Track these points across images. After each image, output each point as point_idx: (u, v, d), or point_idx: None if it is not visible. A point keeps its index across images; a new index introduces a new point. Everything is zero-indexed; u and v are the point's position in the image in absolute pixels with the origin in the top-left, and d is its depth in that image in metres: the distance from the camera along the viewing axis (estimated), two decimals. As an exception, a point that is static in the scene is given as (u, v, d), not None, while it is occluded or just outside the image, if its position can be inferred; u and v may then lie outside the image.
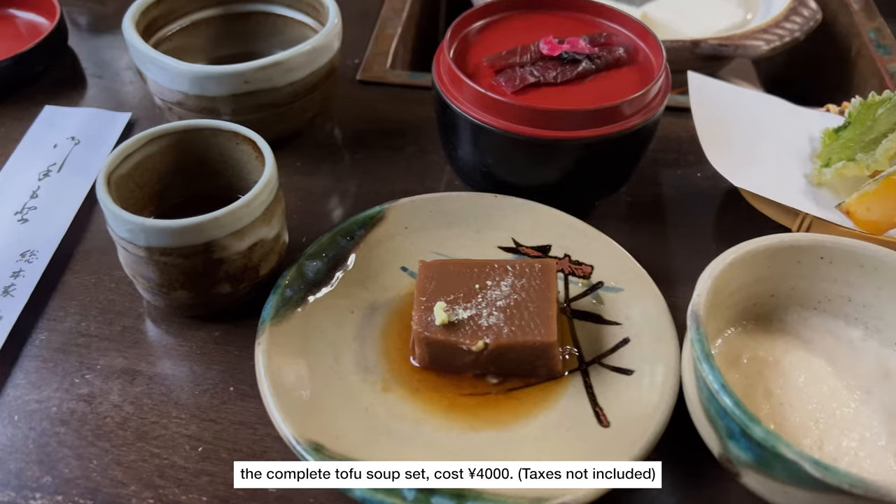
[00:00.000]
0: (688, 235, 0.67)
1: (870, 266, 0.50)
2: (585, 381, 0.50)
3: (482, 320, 0.49)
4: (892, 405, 0.48)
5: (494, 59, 0.62)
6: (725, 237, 0.50)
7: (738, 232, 0.53)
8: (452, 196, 0.60)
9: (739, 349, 0.51)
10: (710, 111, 0.69)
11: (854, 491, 0.37)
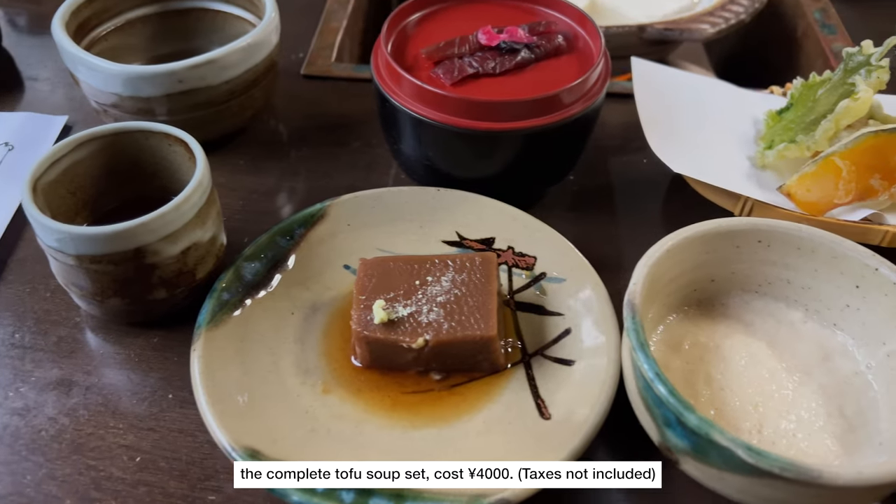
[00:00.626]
0: (634, 223, 0.67)
1: (806, 248, 0.50)
2: (528, 373, 0.50)
3: (422, 317, 0.48)
4: (830, 386, 0.48)
5: (432, 50, 0.61)
6: (672, 223, 0.50)
7: (684, 218, 0.53)
8: (395, 191, 0.59)
9: (681, 335, 0.51)
10: (654, 97, 0.68)
11: (786, 475, 0.37)
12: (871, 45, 0.64)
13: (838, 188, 0.59)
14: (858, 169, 0.58)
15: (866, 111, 0.61)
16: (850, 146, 0.58)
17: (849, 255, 0.48)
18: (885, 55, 0.62)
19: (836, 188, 0.59)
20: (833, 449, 0.45)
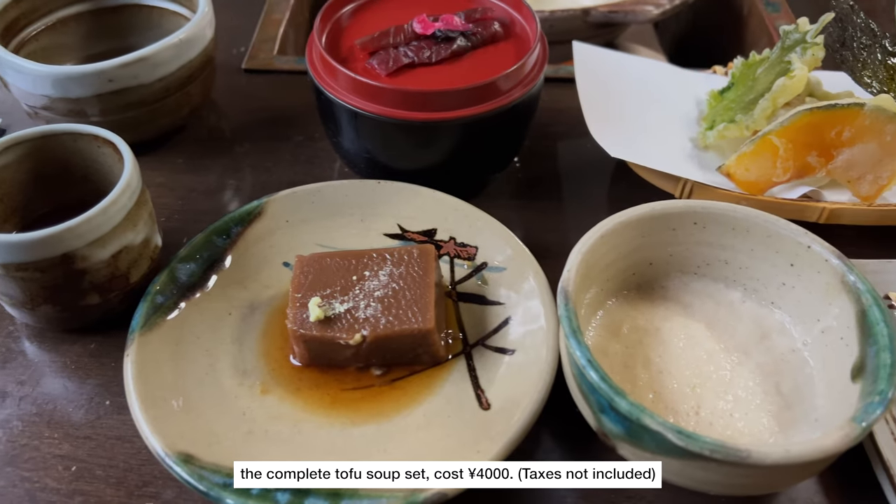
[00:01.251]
0: (580, 208, 0.67)
1: (741, 228, 0.50)
2: (469, 364, 0.50)
3: (359, 312, 0.48)
4: (767, 364, 0.48)
5: (367, 41, 0.60)
6: (617, 208, 0.49)
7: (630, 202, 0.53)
8: (334, 185, 0.59)
9: (621, 319, 0.51)
10: (595, 81, 0.68)
11: (716, 456, 0.37)
12: (808, 23, 0.64)
13: (776, 166, 0.59)
14: (795, 147, 0.59)
15: (802, 88, 0.61)
16: (786, 124, 0.58)
17: (782, 234, 0.49)
18: (819, 32, 0.63)
19: (774, 166, 0.59)
20: (769, 427, 0.45)
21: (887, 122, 0.57)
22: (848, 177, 0.59)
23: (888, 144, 0.58)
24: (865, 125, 0.58)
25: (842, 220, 0.58)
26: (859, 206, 0.58)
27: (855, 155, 0.58)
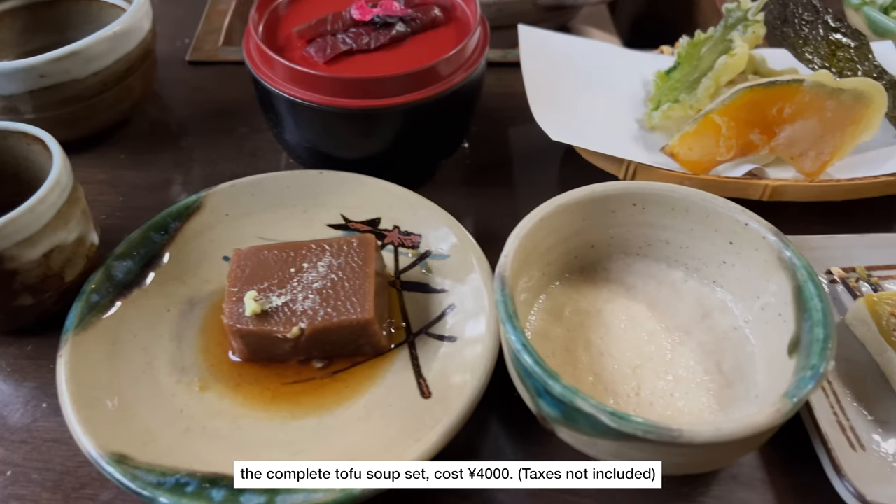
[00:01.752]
0: (530, 193, 0.66)
1: (680, 208, 0.50)
2: (412, 353, 0.49)
3: (297, 305, 0.47)
4: (709, 343, 0.48)
5: (304, 29, 0.59)
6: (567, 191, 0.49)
7: (579, 186, 0.52)
8: (275, 176, 0.58)
9: (563, 303, 0.51)
10: (541, 64, 0.68)
11: (649, 437, 0.37)
12: (749, 1, 0.64)
13: (719, 145, 0.59)
14: (737, 125, 0.59)
15: (744, 66, 0.61)
16: (728, 102, 0.58)
17: (720, 212, 0.49)
18: (760, 10, 0.63)
19: (717, 145, 0.59)
20: (710, 405, 0.45)
21: (827, 97, 0.57)
22: (791, 153, 0.60)
23: (829, 120, 0.58)
24: (805, 101, 0.58)
25: (785, 197, 0.59)
26: (802, 182, 0.58)
27: (796, 131, 0.58)
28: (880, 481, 0.44)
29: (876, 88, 0.57)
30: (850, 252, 0.56)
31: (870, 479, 0.44)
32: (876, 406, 0.49)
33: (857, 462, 0.45)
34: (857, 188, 0.59)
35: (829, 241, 0.56)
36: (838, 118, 0.58)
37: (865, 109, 0.58)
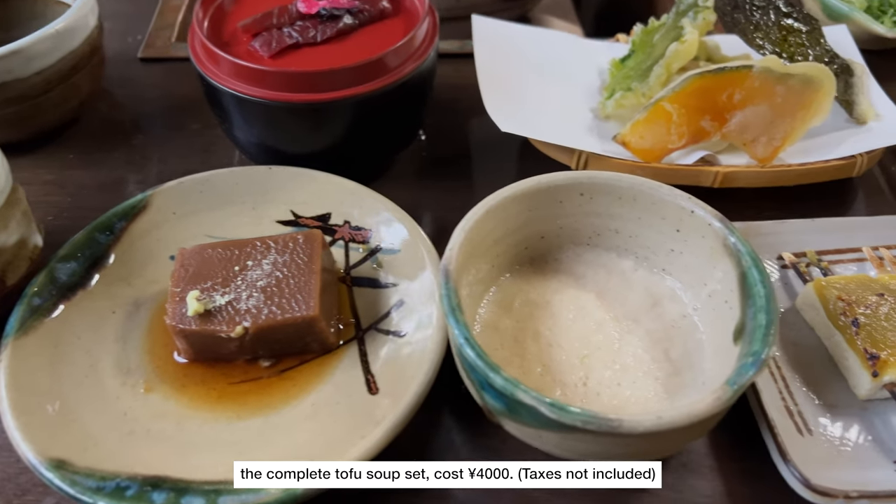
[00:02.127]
0: (487, 186, 0.64)
1: (627, 197, 0.50)
2: (361, 349, 0.49)
3: (241, 304, 0.47)
4: (657, 332, 0.48)
5: (250, 23, 0.58)
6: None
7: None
8: (223, 173, 0.57)
9: (513, 294, 0.50)
10: (495, 54, 0.67)
11: (589, 427, 0.37)
12: (700, -14, 0.64)
13: (670, 133, 0.59)
14: (688, 112, 0.58)
15: (695, 53, 0.61)
16: (678, 90, 0.58)
17: (666, 200, 0.48)
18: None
19: (669, 133, 0.59)
20: (657, 394, 0.45)
21: (776, 82, 0.57)
22: (743, 139, 0.60)
23: (779, 105, 0.58)
24: (755, 87, 0.58)
25: (736, 184, 0.59)
26: (753, 168, 0.58)
27: (747, 117, 0.58)
28: (826, 465, 0.44)
29: (825, 73, 0.57)
30: (801, 237, 0.56)
31: (816, 463, 0.44)
32: (824, 390, 0.49)
33: (804, 446, 0.45)
34: (809, 173, 0.59)
35: (780, 227, 0.56)
36: (788, 103, 0.58)
37: (815, 94, 0.58)
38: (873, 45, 0.77)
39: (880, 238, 0.57)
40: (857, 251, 0.56)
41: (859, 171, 0.60)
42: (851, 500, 0.42)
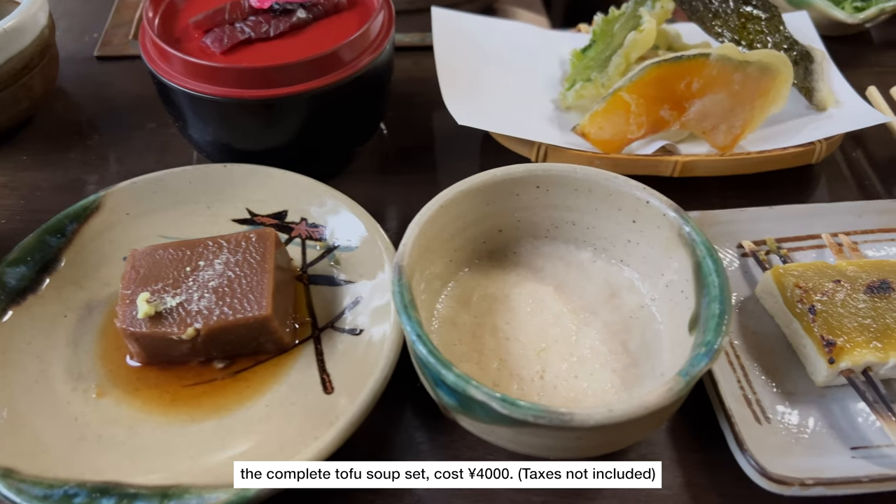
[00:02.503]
0: (449, 180, 0.64)
1: (583, 189, 0.49)
2: (317, 348, 0.48)
3: (193, 305, 0.46)
4: (615, 323, 0.48)
5: (201, 19, 0.57)
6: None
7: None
8: (177, 172, 0.56)
9: (472, 289, 0.50)
10: (455, 47, 0.67)
11: (540, 422, 0.37)
12: (658, -25, 0.64)
13: (629, 123, 0.58)
14: (646, 101, 0.58)
15: (652, 42, 0.61)
16: (635, 79, 0.58)
17: (622, 191, 0.48)
18: (668, -16, 0.62)
19: (628, 123, 0.58)
20: (614, 385, 0.45)
21: (733, 70, 0.57)
22: (702, 128, 0.59)
23: (737, 93, 0.58)
24: (713, 75, 0.57)
25: (696, 173, 0.58)
26: (711, 156, 0.58)
27: (706, 106, 0.58)
28: (784, 453, 0.44)
29: (781, 60, 0.57)
30: (761, 225, 0.56)
31: (773, 451, 0.44)
32: (783, 378, 0.49)
33: (761, 435, 0.45)
34: (768, 160, 0.59)
35: (739, 215, 0.56)
36: (746, 91, 0.58)
37: (773, 81, 0.58)
38: (834, 32, 0.77)
39: (840, 224, 0.57)
40: (817, 238, 0.56)
41: (818, 157, 0.60)
42: (807, 487, 0.42)
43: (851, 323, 0.48)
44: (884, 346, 0.47)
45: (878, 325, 0.48)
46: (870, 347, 0.47)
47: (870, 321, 0.48)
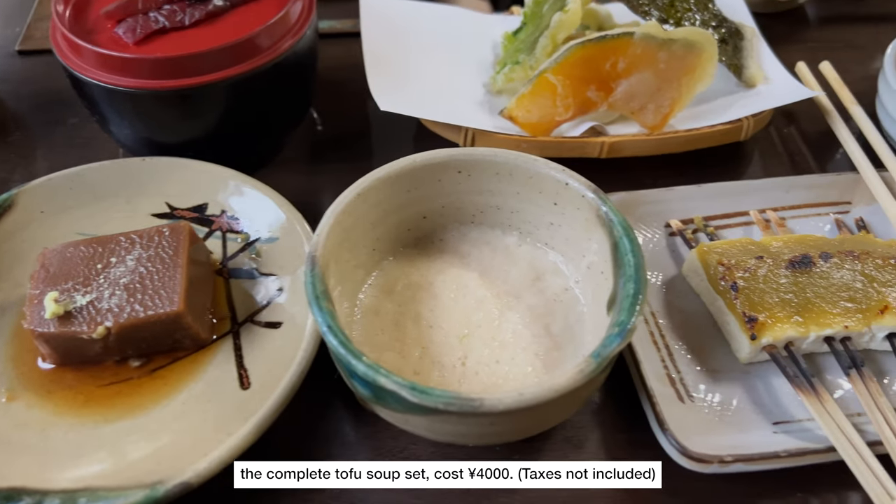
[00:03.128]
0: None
1: (504, 172, 0.49)
2: (236, 343, 0.47)
3: (103, 303, 0.45)
4: (538, 306, 0.48)
5: (113, 9, 0.55)
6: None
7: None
8: (94, 167, 0.55)
9: (396, 277, 0.49)
10: (384, 32, 0.66)
11: (450, 409, 0.36)
12: (585, -45, 0.63)
13: (556, 105, 0.58)
14: (572, 83, 0.58)
15: (578, 23, 0.60)
16: (560, 60, 0.57)
17: (542, 173, 0.47)
18: (594, -36, 0.62)
19: (555, 105, 0.58)
20: (535, 369, 0.45)
21: (658, 49, 0.57)
22: (630, 108, 0.59)
23: (663, 72, 0.58)
24: (637, 54, 0.57)
25: (623, 153, 0.58)
26: (639, 136, 0.58)
27: (633, 85, 0.58)
28: (706, 431, 0.44)
29: (705, 37, 0.57)
30: (689, 203, 0.56)
31: (695, 430, 0.44)
32: (709, 356, 0.49)
33: (684, 414, 0.45)
34: (695, 139, 0.59)
35: (667, 194, 0.56)
36: (672, 69, 0.58)
37: (698, 59, 0.58)
38: (768, 8, 0.77)
39: (769, 200, 0.57)
40: (745, 215, 0.56)
41: (747, 134, 0.60)
42: (726, 464, 0.42)
43: (773, 299, 0.48)
44: (805, 320, 0.47)
45: (799, 299, 0.48)
46: (791, 322, 0.47)
47: (791, 296, 0.48)
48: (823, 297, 0.48)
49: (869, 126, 0.61)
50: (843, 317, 0.47)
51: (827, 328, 0.47)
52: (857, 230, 0.55)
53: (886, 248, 0.50)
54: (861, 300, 0.48)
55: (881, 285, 0.48)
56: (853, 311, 0.47)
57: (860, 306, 0.47)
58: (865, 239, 0.52)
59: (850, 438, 0.42)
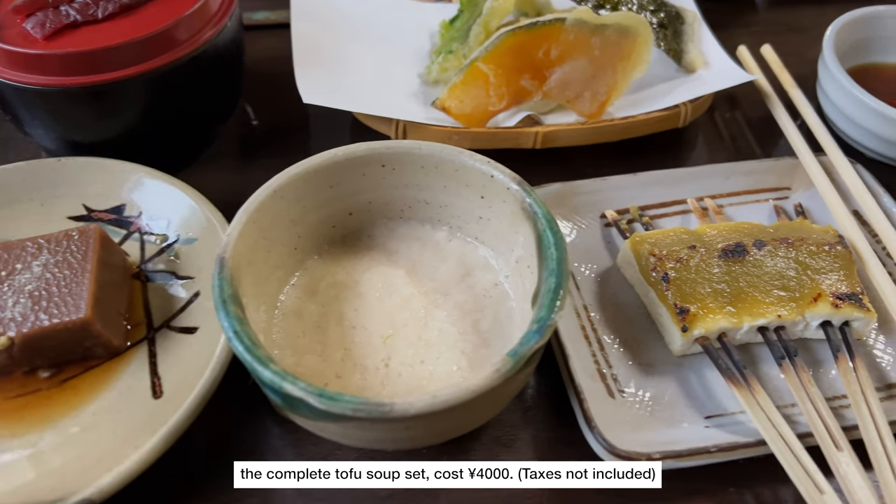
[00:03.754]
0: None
1: (429, 166, 0.47)
2: (151, 350, 0.45)
3: (6, 312, 0.43)
4: (467, 303, 0.46)
5: (22, 4, 0.53)
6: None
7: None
8: (8, 169, 0.52)
9: (320, 277, 0.48)
10: (314, 23, 0.64)
11: (359, 415, 0.35)
12: (518, -61, 0.62)
13: (490, 95, 0.56)
14: (505, 72, 0.56)
15: (511, 10, 0.59)
16: (491, 49, 0.56)
17: (468, 166, 0.46)
18: (525, -52, 0.60)
19: (488, 95, 0.56)
20: (461, 368, 0.43)
21: (591, 34, 0.56)
22: (566, 97, 0.58)
23: (598, 58, 0.56)
24: (570, 40, 0.56)
25: (558, 143, 0.57)
26: (573, 126, 0.57)
27: (567, 73, 0.56)
28: (636, 427, 0.43)
29: (639, 21, 0.56)
30: (626, 193, 0.55)
31: (625, 426, 0.43)
32: (642, 349, 0.48)
33: (613, 410, 0.44)
34: (632, 126, 0.57)
35: (602, 184, 0.55)
36: (607, 55, 0.56)
37: (633, 44, 0.56)
38: (712, -8, 0.76)
39: (708, 188, 0.56)
40: (683, 203, 0.55)
41: (685, 121, 0.59)
42: (654, 461, 0.41)
43: (705, 289, 0.47)
44: (738, 310, 0.46)
45: (732, 289, 0.47)
46: (723, 313, 0.46)
47: (724, 286, 0.47)
48: (756, 287, 0.47)
49: (808, 110, 0.60)
50: (776, 306, 0.46)
51: (760, 318, 0.46)
52: (796, 216, 0.54)
53: (822, 234, 0.50)
54: (795, 288, 0.47)
55: (815, 272, 0.47)
56: (787, 299, 0.46)
57: (794, 294, 0.47)
58: (802, 225, 0.51)
59: (780, 431, 0.42)
